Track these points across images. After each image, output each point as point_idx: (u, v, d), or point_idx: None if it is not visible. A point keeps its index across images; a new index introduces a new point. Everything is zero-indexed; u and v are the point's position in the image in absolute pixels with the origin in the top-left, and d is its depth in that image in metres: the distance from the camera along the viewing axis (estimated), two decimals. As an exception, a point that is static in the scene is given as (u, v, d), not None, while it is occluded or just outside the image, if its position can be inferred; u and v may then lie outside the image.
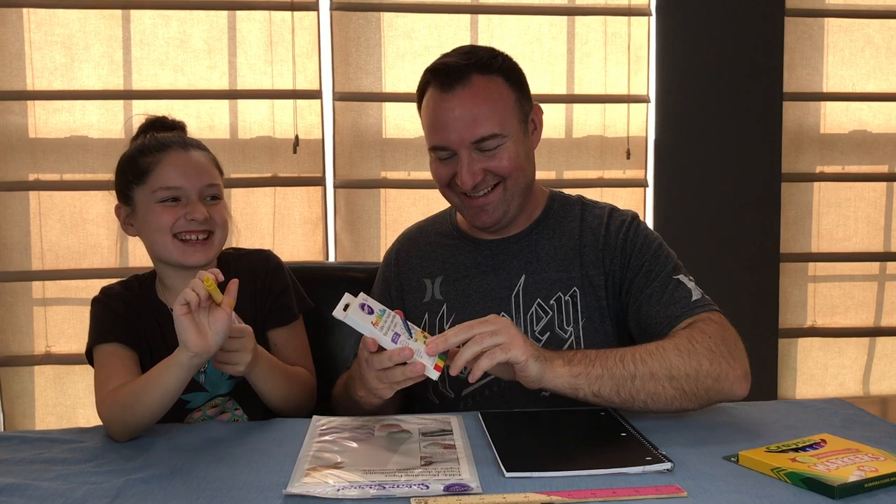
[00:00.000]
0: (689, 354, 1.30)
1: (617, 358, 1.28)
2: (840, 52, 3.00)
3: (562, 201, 1.60)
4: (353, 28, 2.81)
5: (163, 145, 1.49)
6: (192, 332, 1.21)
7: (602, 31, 2.89)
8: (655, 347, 1.32)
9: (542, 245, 1.54)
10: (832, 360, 3.11)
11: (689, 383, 1.29)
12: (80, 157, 2.75)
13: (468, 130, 1.43)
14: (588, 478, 1.06)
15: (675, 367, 1.29)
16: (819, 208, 3.05)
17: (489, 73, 1.46)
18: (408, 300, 1.59)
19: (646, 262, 1.49)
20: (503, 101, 1.46)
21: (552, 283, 1.49)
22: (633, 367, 1.28)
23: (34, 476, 1.13)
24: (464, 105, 1.43)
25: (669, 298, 1.44)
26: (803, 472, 1.04)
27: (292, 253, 2.82)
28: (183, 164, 1.47)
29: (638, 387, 1.28)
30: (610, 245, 1.51)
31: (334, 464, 1.11)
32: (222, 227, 1.50)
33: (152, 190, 1.46)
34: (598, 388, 1.26)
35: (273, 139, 2.81)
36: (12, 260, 2.75)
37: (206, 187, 1.48)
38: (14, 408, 2.79)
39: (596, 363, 1.27)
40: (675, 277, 1.46)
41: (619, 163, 2.93)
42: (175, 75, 2.76)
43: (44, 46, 2.71)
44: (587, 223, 1.55)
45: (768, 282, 2.99)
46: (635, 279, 1.48)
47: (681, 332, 1.37)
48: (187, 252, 1.46)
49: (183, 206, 1.45)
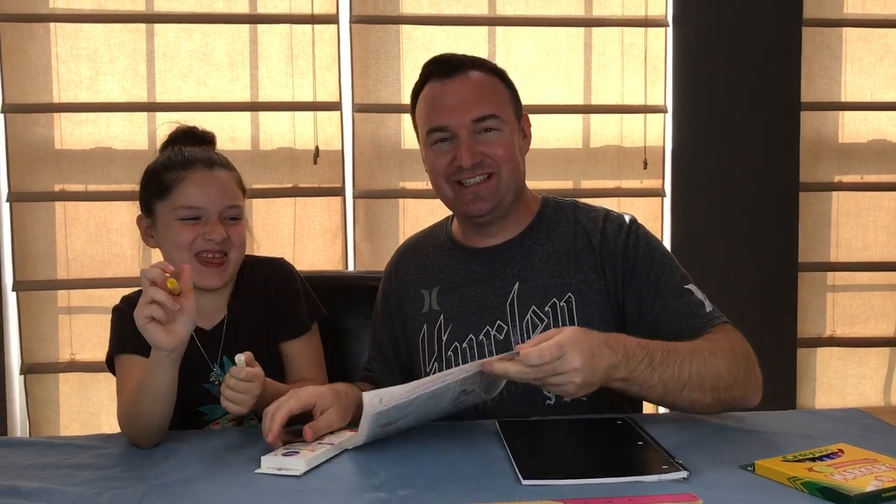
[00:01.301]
0: (733, 364, 1.34)
1: (677, 365, 1.29)
2: (858, 62, 2.99)
3: (554, 206, 1.60)
4: (372, 40, 2.84)
5: (188, 162, 1.49)
6: (159, 334, 1.24)
7: (619, 42, 2.91)
8: (709, 353, 1.33)
9: (536, 251, 1.54)
10: (852, 370, 3.08)
11: (725, 392, 1.34)
12: (104, 169, 2.79)
13: (468, 109, 1.48)
14: (604, 486, 1.07)
15: (720, 377, 1.32)
16: (838, 217, 3.04)
17: (486, 71, 1.53)
18: (407, 311, 1.60)
19: (653, 270, 1.49)
20: (500, 93, 1.53)
21: (546, 290, 1.49)
22: (686, 375, 1.30)
23: (60, 481, 1.16)
24: (464, 87, 1.50)
25: (686, 310, 1.45)
26: (820, 482, 1.05)
27: (312, 262, 2.85)
28: (206, 183, 1.48)
29: (684, 396, 1.31)
30: (608, 250, 1.51)
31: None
32: (239, 248, 1.51)
33: (174, 207, 1.47)
34: (647, 394, 1.30)
35: (294, 150, 2.84)
36: (38, 269, 2.80)
37: (227, 209, 1.49)
38: (39, 414, 2.83)
39: (656, 372, 1.27)
40: (685, 287, 1.47)
41: (637, 172, 2.94)
42: (198, 88, 2.80)
43: (70, 60, 2.76)
44: (581, 226, 1.55)
45: (787, 291, 2.98)
46: (643, 288, 1.48)
47: (722, 338, 1.39)
48: (202, 274, 1.47)
49: (202, 225, 1.47)
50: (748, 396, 1.37)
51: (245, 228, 1.53)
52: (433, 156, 1.52)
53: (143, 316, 1.23)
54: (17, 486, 1.13)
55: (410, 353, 1.60)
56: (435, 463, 1.19)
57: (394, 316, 1.62)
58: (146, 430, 1.32)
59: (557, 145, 2.91)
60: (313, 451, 1.20)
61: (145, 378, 1.31)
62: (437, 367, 1.52)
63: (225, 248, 1.48)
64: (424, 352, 1.55)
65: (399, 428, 1.29)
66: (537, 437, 1.31)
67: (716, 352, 1.34)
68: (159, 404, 1.31)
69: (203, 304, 1.52)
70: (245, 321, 1.54)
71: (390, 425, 1.26)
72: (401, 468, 1.17)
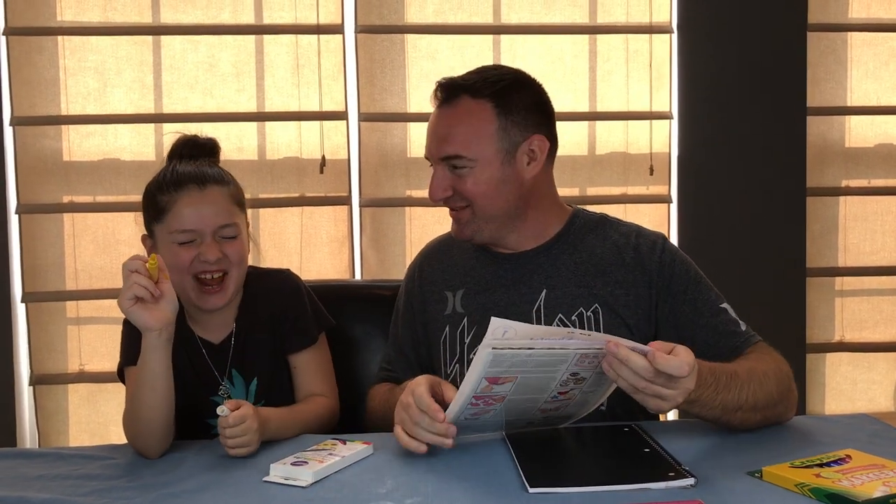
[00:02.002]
0: (781, 384, 1.37)
1: (737, 389, 1.29)
2: (864, 66, 2.99)
3: (584, 218, 1.60)
4: (377, 50, 2.85)
5: (179, 183, 1.47)
6: (145, 315, 1.29)
7: (623, 48, 2.91)
8: (763, 375, 1.34)
9: (563, 260, 1.54)
10: (861, 375, 3.07)
11: (771, 411, 1.36)
12: (112, 180, 2.81)
13: (437, 147, 1.50)
14: (611, 493, 1.07)
15: (772, 397, 1.34)
16: (845, 222, 3.03)
17: (479, 97, 1.49)
18: (430, 312, 1.60)
19: (689, 288, 1.50)
20: (480, 128, 1.48)
21: (574, 299, 1.50)
22: (744, 398, 1.29)
23: (70, 491, 1.17)
24: (441, 122, 1.51)
25: (724, 328, 1.46)
26: (827, 488, 1.04)
27: (319, 271, 2.85)
28: (198, 204, 1.45)
29: (737, 416, 1.31)
30: (643, 267, 1.51)
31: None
32: (239, 265, 1.49)
33: (169, 231, 1.46)
34: (704, 415, 1.29)
35: (300, 160, 2.86)
36: (47, 280, 2.81)
37: (221, 228, 1.47)
38: (49, 425, 2.85)
39: (719, 396, 1.26)
40: (721, 306, 1.49)
41: (643, 179, 2.94)
42: (204, 98, 2.82)
43: (77, 72, 2.78)
44: (612, 241, 1.55)
45: (795, 297, 2.97)
46: (680, 306, 1.48)
47: (768, 359, 1.40)
48: (203, 297, 1.48)
49: (197, 247, 1.46)
50: (788, 413, 1.40)
51: (244, 244, 1.51)
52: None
53: (126, 299, 1.28)
54: (27, 497, 1.14)
55: (431, 354, 1.60)
56: (441, 471, 1.19)
57: (416, 316, 1.63)
58: (149, 429, 1.32)
59: (563, 152, 2.86)
60: (322, 462, 1.20)
61: (141, 369, 1.33)
62: (458, 368, 1.52)
63: (224, 267, 1.47)
64: (446, 353, 1.56)
65: (485, 423, 1.27)
66: (543, 445, 1.31)
67: (769, 374, 1.36)
68: (159, 395, 1.32)
69: (210, 318, 1.53)
70: (252, 334, 1.54)
71: (478, 414, 1.23)
72: (407, 476, 1.17)
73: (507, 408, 1.25)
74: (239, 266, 1.50)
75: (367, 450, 1.28)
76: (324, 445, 1.29)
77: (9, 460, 1.32)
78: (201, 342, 1.53)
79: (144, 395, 1.33)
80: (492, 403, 1.22)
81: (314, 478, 1.16)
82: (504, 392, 1.21)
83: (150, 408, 1.33)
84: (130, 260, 1.30)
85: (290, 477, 1.17)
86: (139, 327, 1.31)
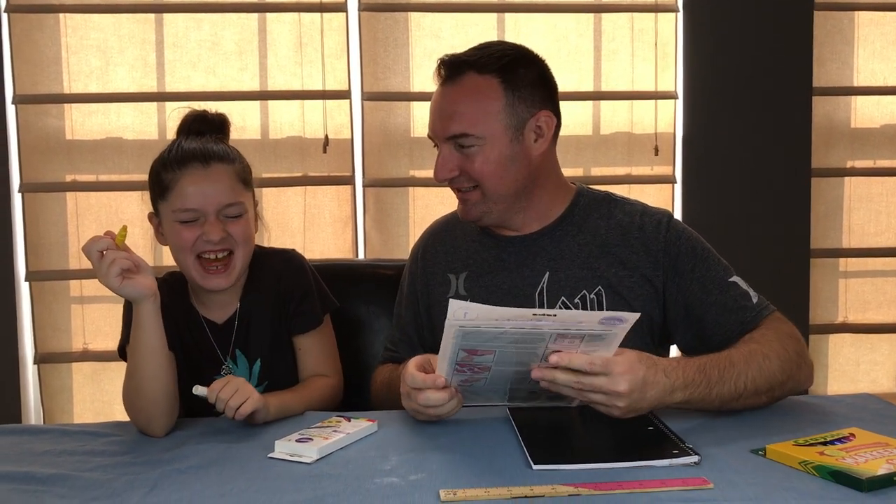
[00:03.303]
0: (787, 362, 1.35)
1: (734, 380, 1.28)
2: (871, 46, 2.97)
3: (588, 198, 1.58)
4: (381, 28, 2.83)
5: (184, 160, 1.45)
6: (137, 286, 1.31)
7: (629, 27, 2.89)
8: (763, 358, 1.33)
9: (567, 242, 1.53)
10: (864, 356, 3.07)
11: (778, 390, 1.35)
12: (115, 159, 2.80)
13: (442, 125, 1.47)
14: (615, 470, 1.08)
15: (775, 378, 1.33)
16: (850, 203, 3.02)
17: (485, 72, 1.46)
18: (433, 294, 1.60)
19: (696, 266, 1.48)
20: (487, 104, 1.45)
21: (577, 281, 1.49)
22: (743, 386, 1.29)
23: (75, 467, 1.17)
24: (446, 100, 1.48)
25: (733, 304, 1.45)
26: (831, 466, 1.05)
27: (322, 251, 2.85)
28: (201, 182, 1.43)
29: (740, 403, 1.31)
30: (649, 247, 1.50)
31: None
32: (244, 244, 1.47)
33: (172, 209, 1.45)
34: (705, 407, 1.28)
35: (303, 139, 2.85)
36: (51, 259, 2.81)
37: (225, 207, 1.44)
38: (54, 403, 2.86)
39: (714, 391, 1.26)
40: (730, 280, 1.47)
41: (647, 159, 2.92)
42: (207, 77, 2.80)
43: (80, 50, 2.77)
44: (616, 221, 1.53)
45: (798, 278, 2.96)
46: (689, 287, 1.47)
47: (772, 337, 1.38)
48: (207, 277, 1.46)
49: (201, 226, 1.44)
50: (801, 386, 1.39)
51: (249, 224, 1.49)
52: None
53: (113, 276, 1.28)
54: (33, 472, 1.14)
55: (434, 336, 1.59)
56: (446, 449, 1.20)
57: (419, 299, 1.62)
58: (153, 402, 1.32)
59: (567, 132, 2.90)
60: (327, 438, 1.20)
61: (138, 341, 1.33)
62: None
63: (228, 247, 1.45)
64: None
65: (476, 392, 1.26)
66: (547, 423, 1.31)
67: (769, 355, 1.34)
68: (158, 364, 1.33)
69: (215, 298, 1.52)
70: (257, 314, 1.54)
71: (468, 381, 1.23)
72: (412, 454, 1.18)
73: (499, 377, 1.24)
74: (244, 246, 1.47)
75: (372, 427, 1.28)
76: (328, 422, 1.29)
77: (14, 436, 1.33)
78: (205, 322, 1.53)
79: (145, 366, 1.33)
80: (479, 372, 1.22)
81: (319, 454, 1.16)
82: (487, 363, 1.20)
83: (151, 378, 1.33)
84: (94, 241, 1.29)
85: (295, 453, 1.17)
86: (134, 299, 1.32)
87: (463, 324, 1.14)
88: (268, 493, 1.05)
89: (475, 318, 1.13)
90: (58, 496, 1.06)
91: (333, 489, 1.05)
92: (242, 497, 1.04)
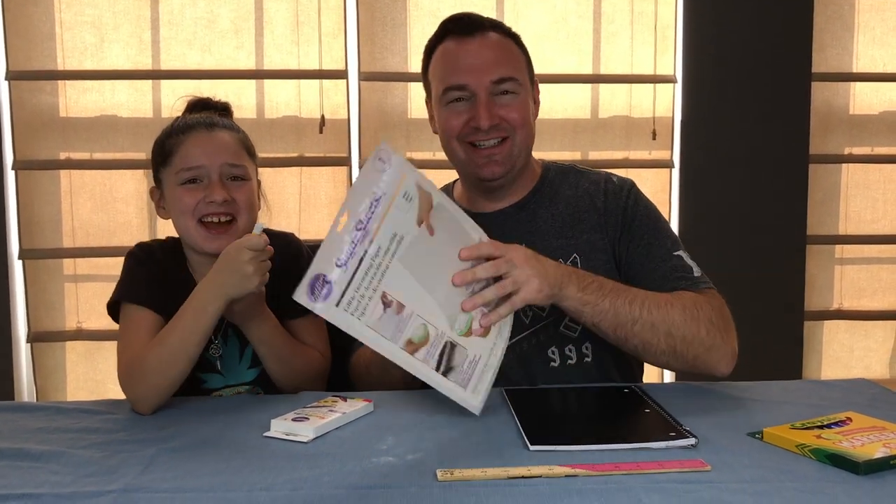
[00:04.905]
0: (692, 318, 1.35)
1: (627, 299, 1.32)
2: (871, 32, 2.96)
3: (556, 170, 1.61)
4: (378, 7, 2.81)
5: (188, 127, 1.46)
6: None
7: (629, 10, 2.87)
8: (665, 301, 1.35)
9: (541, 214, 1.55)
10: (858, 342, 3.08)
11: (683, 345, 1.35)
12: (109, 137, 2.78)
13: (488, 69, 1.47)
14: (612, 452, 1.07)
15: (675, 325, 1.34)
16: (847, 190, 3.01)
17: (503, 34, 1.53)
18: None
19: (646, 233, 1.50)
20: (517, 57, 1.52)
21: (552, 251, 1.48)
22: (638, 312, 1.32)
23: (70, 444, 1.16)
24: (485, 48, 1.49)
25: (671, 274, 1.46)
26: (828, 449, 1.05)
27: (318, 231, 2.84)
28: (204, 142, 1.44)
29: (636, 331, 1.33)
30: (610, 210, 1.52)
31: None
32: (247, 210, 1.45)
33: (175, 171, 1.44)
34: (599, 321, 1.32)
35: (299, 119, 2.83)
36: (44, 237, 2.80)
37: (228, 166, 1.43)
38: (47, 382, 2.85)
39: (607, 298, 1.31)
40: (675, 253, 1.49)
41: (645, 143, 2.92)
42: (202, 55, 2.78)
43: (74, 27, 2.74)
44: (584, 189, 1.56)
45: (795, 264, 2.96)
46: (636, 251, 1.49)
47: (687, 294, 1.40)
48: (208, 238, 1.43)
49: (203, 188, 1.42)
50: (715, 361, 1.37)
51: (253, 191, 1.48)
52: (447, 115, 1.50)
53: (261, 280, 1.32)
54: (27, 448, 1.14)
55: None
56: (442, 429, 1.19)
57: None
58: (169, 381, 1.31)
59: (565, 115, 2.89)
60: (323, 418, 1.20)
61: (199, 325, 1.31)
62: None
63: (230, 211, 1.43)
64: None
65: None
66: (544, 405, 1.31)
67: (673, 303, 1.36)
68: (195, 352, 1.32)
69: None
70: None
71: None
72: (409, 434, 1.17)
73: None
74: (248, 212, 1.46)
75: (368, 407, 1.28)
76: (324, 402, 1.29)
77: (8, 413, 1.32)
78: None
79: (191, 348, 1.31)
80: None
81: (315, 433, 1.16)
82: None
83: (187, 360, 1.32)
84: (252, 240, 1.31)
85: (290, 432, 1.16)
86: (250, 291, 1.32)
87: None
88: (264, 472, 1.04)
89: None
90: (52, 472, 1.06)
91: (330, 468, 1.05)
92: (238, 476, 1.03)
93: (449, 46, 1.51)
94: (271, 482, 1.01)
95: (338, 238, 1.09)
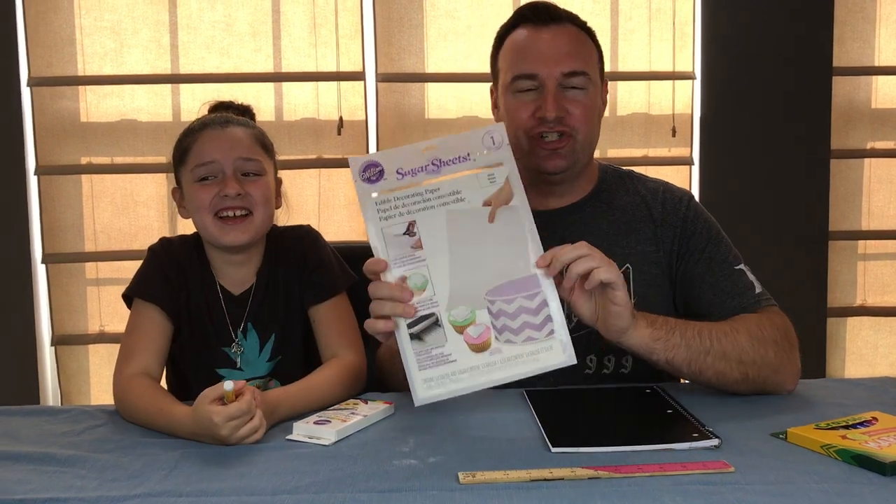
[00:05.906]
0: (759, 342, 1.32)
1: (695, 331, 1.29)
2: (893, 24, 2.92)
3: (613, 173, 1.58)
4: (395, 9, 2.81)
5: (203, 125, 1.48)
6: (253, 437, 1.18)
7: (646, 7, 2.86)
8: (730, 328, 1.32)
9: (596, 218, 1.52)
10: (882, 339, 3.05)
11: (754, 369, 1.31)
12: (129, 141, 2.80)
13: (560, 60, 1.44)
14: (635, 453, 1.07)
15: (745, 351, 1.30)
16: (870, 185, 2.98)
17: (579, 27, 1.50)
18: None
19: (707, 247, 1.47)
20: (591, 53, 1.49)
21: None
22: (708, 342, 1.28)
23: (94, 448, 1.17)
24: (559, 38, 1.46)
25: (734, 289, 1.43)
26: (854, 450, 1.03)
27: (337, 233, 2.85)
28: (217, 138, 1.45)
29: (709, 363, 1.29)
30: (668, 222, 1.50)
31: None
32: (263, 205, 1.45)
33: (190, 169, 1.45)
34: (673, 356, 1.27)
35: (317, 121, 2.84)
36: (66, 241, 2.83)
37: (242, 161, 1.43)
38: (71, 385, 2.88)
39: (676, 332, 1.27)
40: (736, 268, 1.46)
41: (665, 140, 2.90)
42: (221, 59, 2.79)
43: (94, 32, 2.76)
44: (641, 197, 1.53)
45: (817, 260, 2.94)
46: (696, 264, 1.47)
47: (751, 318, 1.37)
48: (224, 230, 1.43)
49: (218, 184, 1.43)
50: (781, 381, 1.34)
51: (269, 186, 1.48)
52: (515, 105, 1.47)
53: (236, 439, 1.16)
54: (52, 453, 1.15)
55: None
56: (464, 431, 1.19)
57: None
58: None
59: (583, 113, 2.88)
60: (344, 421, 1.20)
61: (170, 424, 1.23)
62: None
63: (246, 205, 1.43)
64: None
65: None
66: (565, 406, 1.30)
67: (739, 329, 1.32)
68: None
69: (233, 273, 1.52)
70: (272, 289, 1.52)
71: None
72: (430, 436, 1.17)
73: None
74: (263, 207, 1.45)
75: (389, 409, 1.28)
76: (346, 405, 1.29)
77: (34, 417, 1.33)
78: (221, 290, 1.51)
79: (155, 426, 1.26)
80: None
81: (337, 436, 1.16)
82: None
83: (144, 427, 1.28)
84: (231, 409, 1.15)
85: (313, 435, 1.17)
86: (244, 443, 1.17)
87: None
88: (286, 474, 1.05)
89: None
90: (77, 477, 1.07)
91: (352, 471, 1.05)
92: (261, 478, 1.04)
93: (522, 34, 1.47)
94: (294, 485, 1.01)
95: (415, 154, 1.15)
